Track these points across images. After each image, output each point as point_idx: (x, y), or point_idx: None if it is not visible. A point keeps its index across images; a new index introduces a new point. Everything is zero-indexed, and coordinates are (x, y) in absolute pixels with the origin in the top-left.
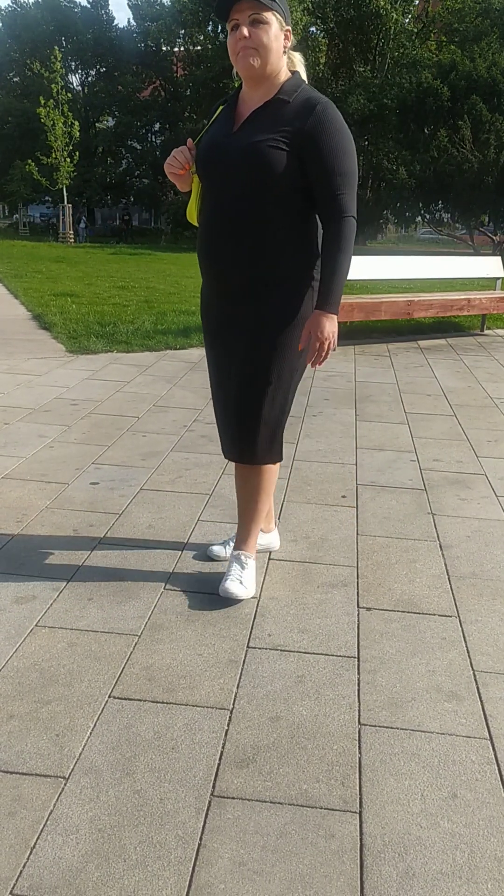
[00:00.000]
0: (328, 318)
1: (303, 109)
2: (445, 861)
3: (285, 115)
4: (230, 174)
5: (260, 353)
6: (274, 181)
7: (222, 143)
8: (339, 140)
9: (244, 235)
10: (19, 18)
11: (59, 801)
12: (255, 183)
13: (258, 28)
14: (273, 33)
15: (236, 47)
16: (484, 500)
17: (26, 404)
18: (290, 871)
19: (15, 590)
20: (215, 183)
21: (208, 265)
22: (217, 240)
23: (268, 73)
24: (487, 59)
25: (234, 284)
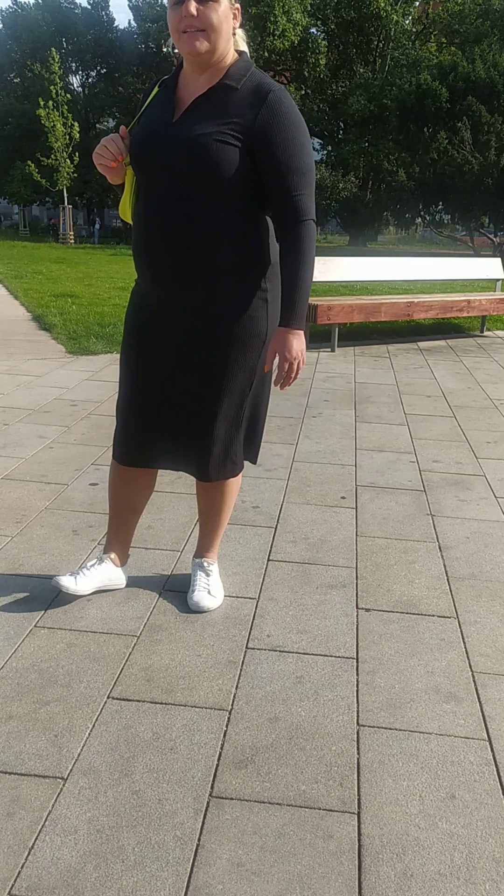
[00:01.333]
0: (295, 335)
1: (253, 98)
2: (443, 862)
3: (233, 105)
4: (170, 171)
5: (210, 371)
6: (221, 180)
7: (160, 134)
8: (294, 134)
9: (187, 241)
10: (20, 19)
11: (57, 802)
12: (199, 182)
13: (206, 6)
14: (222, 12)
15: (180, 25)
16: (483, 502)
17: (26, 405)
18: (288, 872)
19: (14, 590)
20: (152, 180)
21: (145, 270)
22: (156, 244)
23: (215, 57)
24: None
25: (175, 291)
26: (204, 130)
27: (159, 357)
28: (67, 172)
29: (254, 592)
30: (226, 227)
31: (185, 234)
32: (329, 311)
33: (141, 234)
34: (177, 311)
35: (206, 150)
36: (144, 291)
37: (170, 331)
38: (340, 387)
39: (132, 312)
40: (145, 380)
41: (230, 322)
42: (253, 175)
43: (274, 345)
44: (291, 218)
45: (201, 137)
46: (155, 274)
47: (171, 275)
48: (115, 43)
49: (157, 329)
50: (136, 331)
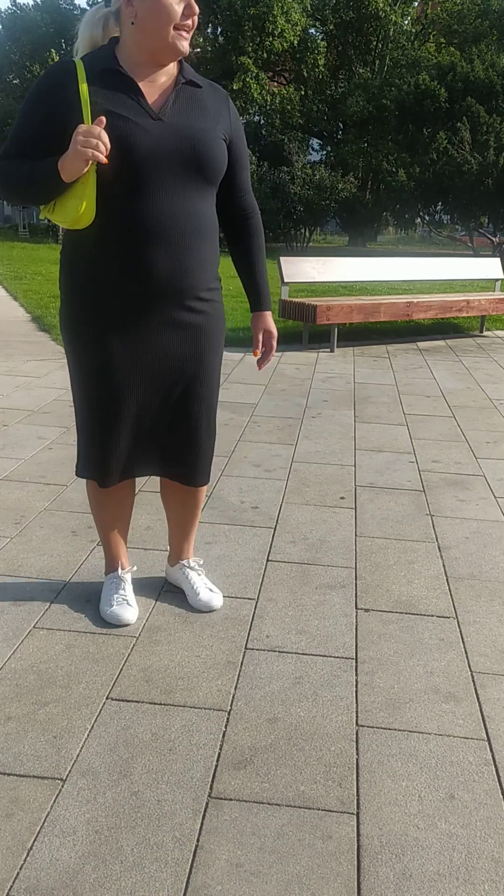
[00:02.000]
0: (269, 315)
1: (219, 97)
2: (442, 862)
3: (208, 104)
4: (172, 167)
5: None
6: (218, 174)
7: (152, 130)
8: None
9: (188, 238)
10: (19, 21)
11: (56, 803)
12: (204, 178)
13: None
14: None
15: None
16: (482, 502)
17: (25, 406)
18: (287, 873)
19: (13, 591)
20: (146, 177)
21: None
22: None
23: None
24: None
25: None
26: (202, 126)
27: (139, 363)
28: None
29: (253, 593)
30: (210, 219)
31: (187, 231)
32: (328, 311)
33: (125, 234)
34: (166, 309)
35: (211, 145)
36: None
37: (152, 331)
38: (340, 387)
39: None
40: (124, 391)
41: (213, 313)
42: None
43: (259, 326)
44: (250, 210)
45: (204, 133)
46: (145, 273)
47: (166, 274)
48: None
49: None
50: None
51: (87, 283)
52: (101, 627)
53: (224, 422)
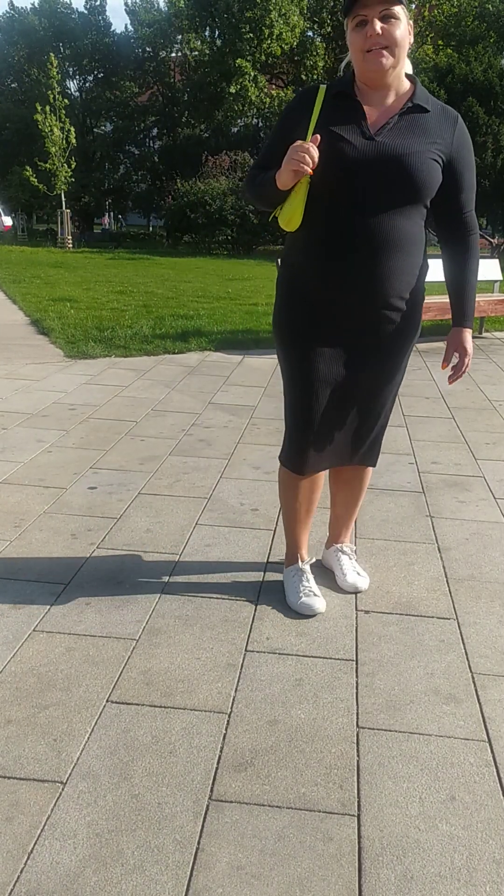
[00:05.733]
0: (468, 332)
1: (445, 120)
2: (444, 864)
3: (431, 126)
4: (379, 183)
5: (388, 367)
6: (427, 194)
7: (364, 148)
8: (472, 155)
9: (389, 248)
10: (17, 24)
11: (56, 806)
12: (408, 194)
13: (389, 24)
14: (403, 29)
15: (365, 45)
16: (482, 503)
17: (24, 409)
18: (288, 875)
19: (13, 595)
20: (353, 190)
21: (341, 278)
22: (358, 252)
23: (396, 71)
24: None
25: (373, 297)
26: (415, 149)
27: (335, 360)
28: (65, 177)
29: (253, 595)
30: (414, 234)
31: (387, 240)
32: None
33: (335, 239)
34: (365, 312)
35: (420, 167)
36: (316, 295)
37: (353, 333)
38: None
39: (299, 319)
40: (321, 386)
41: (410, 320)
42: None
43: (454, 343)
44: (467, 231)
45: (415, 155)
46: (347, 277)
47: (367, 278)
48: (112, 47)
49: (336, 333)
50: (311, 338)
51: (292, 282)
52: (101, 630)
53: (223, 424)
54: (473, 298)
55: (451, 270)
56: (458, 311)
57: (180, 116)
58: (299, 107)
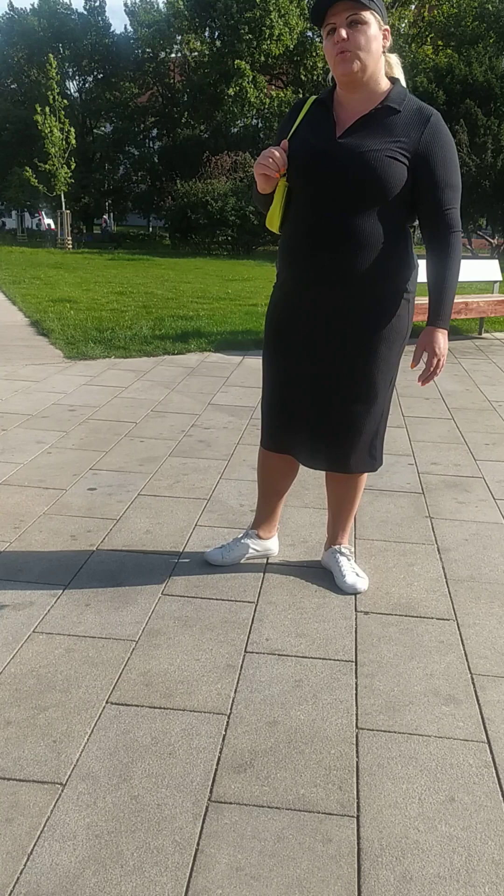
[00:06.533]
0: (441, 333)
1: (416, 120)
2: (443, 865)
3: (397, 125)
4: (337, 183)
5: (363, 368)
6: (387, 192)
7: (327, 150)
8: (451, 153)
9: (349, 246)
10: (16, 25)
11: (56, 808)
12: (366, 193)
13: (356, 29)
14: (372, 34)
15: (334, 51)
16: (482, 504)
17: (24, 410)
18: (287, 876)
19: (12, 596)
20: (317, 190)
21: (303, 275)
22: (318, 250)
23: (367, 76)
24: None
25: (334, 296)
26: (374, 147)
27: (307, 357)
28: (65, 178)
29: (252, 596)
30: (383, 234)
31: (349, 240)
32: None
33: (302, 240)
34: (330, 311)
35: (376, 165)
36: (292, 293)
37: (319, 331)
38: None
39: (276, 316)
40: (291, 379)
41: (380, 320)
42: (410, 189)
43: (423, 342)
44: (444, 229)
45: (372, 153)
46: (313, 276)
47: (331, 277)
48: (112, 48)
49: (305, 330)
50: (282, 333)
51: (278, 280)
52: (101, 632)
53: (223, 425)
54: (451, 299)
55: (431, 269)
56: (433, 310)
57: (180, 117)
58: (289, 118)
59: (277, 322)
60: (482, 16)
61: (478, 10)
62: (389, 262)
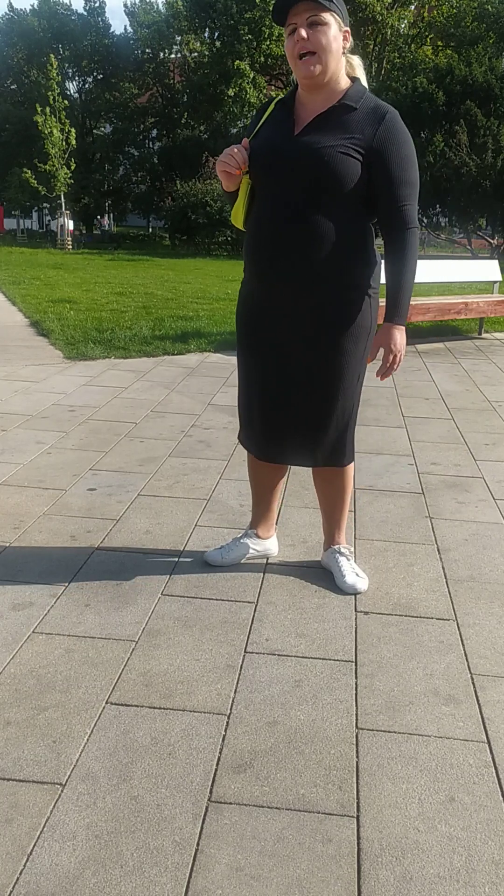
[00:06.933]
0: (398, 329)
1: (372, 117)
2: (443, 865)
3: (352, 122)
4: (293, 179)
5: (328, 364)
6: (340, 188)
7: (284, 147)
8: (406, 150)
9: (307, 243)
10: (16, 26)
11: (55, 808)
12: (321, 189)
13: (316, 30)
14: (332, 34)
15: (294, 51)
16: (482, 504)
17: (24, 411)
18: (287, 876)
19: (12, 596)
20: (274, 187)
21: (264, 271)
22: (275, 246)
23: (328, 76)
24: (483, 63)
25: (292, 291)
26: (327, 143)
27: (272, 354)
28: (65, 178)
29: (252, 596)
30: (340, 230)
31: (307, 235)
32: None
33: (261, 237)
34: (292, 307)
35: (330, 161)
36: (255, 291)
37: (283, 327)
38: None
39: (242, 314)
40: (259, 377)
41: (342, 316)
42: (366, 185)
43: (379, 338)
44: (399, 225)
45: (325, 149)
46: (273, 273)
47: (290, 274)
48: (112, 49)
49: (268, 327)
50: (249, 331)
51: (244, 277)
52: (101, 632)
53: (223, 425)
54: (407, 296)
55: (388, 266)
56: (390, 306)
57: (180, 118)
58: (255, 118)
59: (243, 320)
60: (482, 16)
61: (477, 11)
62: (349, 257)
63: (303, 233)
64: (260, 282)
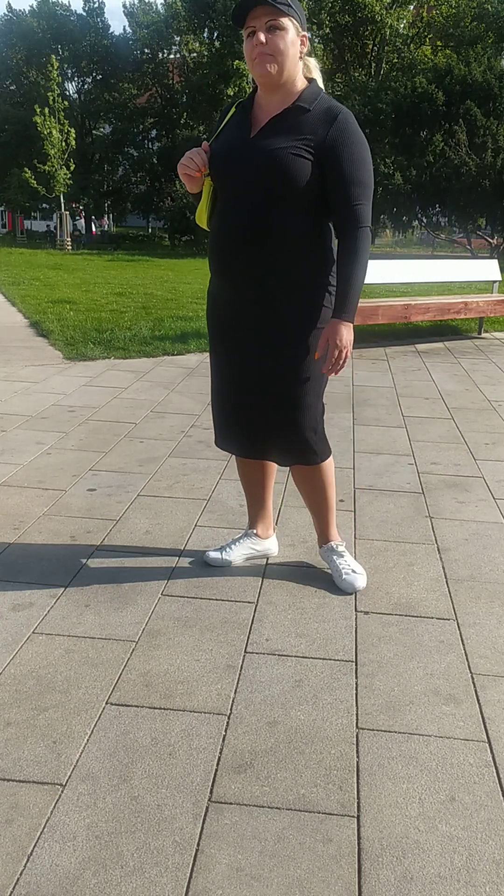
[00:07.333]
0: (345, 325)
1: (324, 118)
2: (444, 864)
3: (306, 123)
4: (248, 180)
5: (284, 361)
6: (294, 188)
7: (239, 148)
8: (358, 151)
9: (261, 242)
10: (15, 27)
11: (56, 809)
12: (274, 190)
13: (274, 34)
14: (290, 39)
15: (253, 53)
16: (482, 503)
17: (24, 411)
18: (287, 877)
19: (12, 597)
20: (232, 188)
21: (223, 270)
22: (233, 246)
23: (284, 79)
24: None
25: (251, 290)
26: (280, 144)
27: (235, 352)
28: (64, 179)
29: (252, 596)
30: (296, 229)
31: (262, 236)
32: None
33: (220, 237)
34: (250, 307)
35: (281, 161)
36: (218, 290)
37: (242, 326)
38: (338, 390)
39: (209, 313)
40: (225, 375)
41: (302, 313)
42: (320, 185)
43: (326, 333)
44: (351, 224)
45: (278, 150)
46: (231, 272)
47: (247, 272)
48: (111, 49)
49: (231, 325)
50: (214, 329)
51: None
52: (101, 632)
53: None
54: (356, 293)
55: (340, 263)
56: (339, 302)
57: (179, 118)
58: (218, 122)
59: (209, 320)
60: (481, 16)
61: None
62: (305, 257)
63: (258, 233)
64: (220, 281)
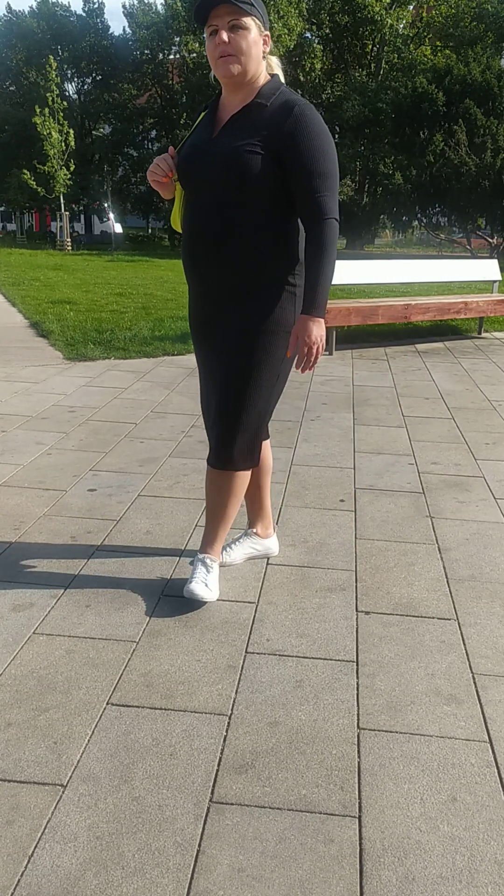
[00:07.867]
0: (315, 322)
1: (281, 112)
2: (445, 865)
3: (263, 119)
4: (210, 180)
5: (240, 360)
6: (253, 186)
7: (202, 149)
8: (317, 142)
9: (225, 241)
10: (14, 27)
11: (57, 809)
12: (234, 188)
13: (237, 34)
14: (252, 38)
15: (215, 53)
16: (482, 503)
17: (24, 412)
18: (289, 877)
19: (12, 597)
20: (195, 189)
21: (191, 270)
22: (199, 246)
23: (247, 78)
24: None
25: (216, 289)
26: (237, 143)
27: (205, 350)
28: (64, 179)
29: (253, 596)
30: (259, 228)
31: (224, 235)
32: (326, 313)
33: (188, 237)
34: (216, 305)
35: (238, 160)
36: (189, 290)
37: (210, 325)
38: (338, 390)
39: (191, 315)
40: (202, 374)
41: (261, 313)
42: (282, 181)
43: (296, 330)
44: (315, 216)
45: (235, 149)
46: (198, 272)
47: (212, 273)
48: (111, 50)
49: (201, 325)
50: (192, 330)
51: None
52: (101, 633)
53: None
54: (325, 287)
55: (307, 257)
56: (307, 298)
57: (179, 118)
58: (192, 127)
59: (189, 317)
60: (480, 16)
61: (476, 11)
62: (269, 254)
63: (222, 232)
64: (191, 281)
